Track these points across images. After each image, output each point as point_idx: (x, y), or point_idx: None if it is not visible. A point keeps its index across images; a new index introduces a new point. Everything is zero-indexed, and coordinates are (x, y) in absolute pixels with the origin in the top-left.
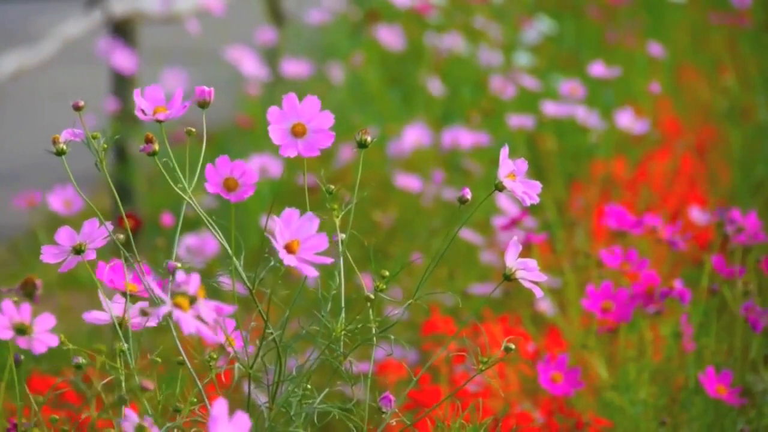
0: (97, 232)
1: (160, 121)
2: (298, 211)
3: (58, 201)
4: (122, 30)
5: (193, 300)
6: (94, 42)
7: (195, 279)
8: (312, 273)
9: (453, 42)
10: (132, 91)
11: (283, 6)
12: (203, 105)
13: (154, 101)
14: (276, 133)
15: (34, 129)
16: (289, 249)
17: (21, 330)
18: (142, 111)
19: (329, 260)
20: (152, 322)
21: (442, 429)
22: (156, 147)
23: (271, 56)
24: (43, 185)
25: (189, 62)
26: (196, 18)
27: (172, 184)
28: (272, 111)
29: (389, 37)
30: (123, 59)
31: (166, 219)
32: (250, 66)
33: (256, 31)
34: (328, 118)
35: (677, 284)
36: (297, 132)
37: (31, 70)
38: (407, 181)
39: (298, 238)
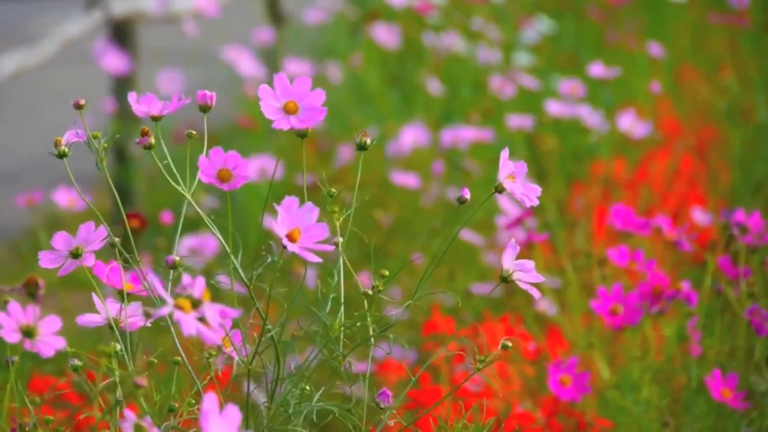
0: (93, 235)
1: (156, 119)
2: (298, 199)
3: (63, 199)
4: (122, 30)
5: (198, 303)
6: (94, 42)
7: (200, 282)
8: (314, 259)
9: (452, 42)
10: (131, 92)
11: (282, 6)
12: (204, 109)
13: (149, 106)
14: (268, 109)
15: (33, 129)
16: (290, 238)
17: (27, 332)
18: (139, 109)
19: (331, 248)
20: (148, 322)
21: (445, 429)
22: (152, 140)
23: (270, 56)
24: (43, 185)
25: (188, 63)
26: (194, 19)
27: (172, 183)
28: (263, 89)
29: (386, 36)
30: (115, 62)
31: (165, 217)
32: (247, 66)
33: (255, 32)
34: (320, 96)
35: (685, 286)
36: (289, 109)
37: (31, 70)
38: (405, 179)
39: (299, 227)
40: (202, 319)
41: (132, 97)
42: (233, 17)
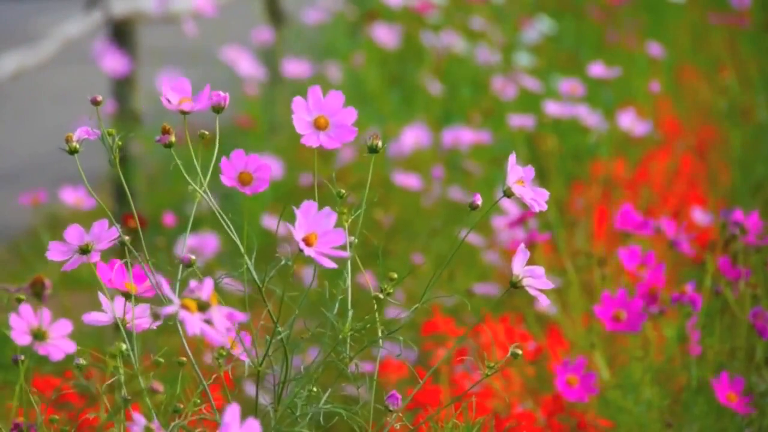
0: (105, 234)
1: (185, 113)
2: (316, 204)
3: (70, 198)
4: (122, 30)
5: (205, 306)
6: (94, 42)
7: (208, 284)
8: (330, 265)
9: (452, 42)
10: (131, 92)
11: (282, 6)
12: (218, 110)
13: (181, 93)
14: (299, 123)
15: (33, 129)
16: (307, 242)
17: (38, 335)
18: (168, 100)
19: (346, 254)
20: (154, 324)
21: (436, 429)
22: (172, 138)
23: (269, 56)
24: (43, 185)
25: (188, 63)
26: (194, 19)
27: (189, 180)
28: (297, 101)
29: (386, 36)
30: (114, 62)
31: (168, 219)
32: (246, 66)
33: (255, 32)
34: (352, 114)
35: (689, 288)
36: (320, 125)
37: (31, 70)
38: (407, 180)
39: (316, 231)
40: (209, 321)
41: (165, 84)
42: (233, 17)
